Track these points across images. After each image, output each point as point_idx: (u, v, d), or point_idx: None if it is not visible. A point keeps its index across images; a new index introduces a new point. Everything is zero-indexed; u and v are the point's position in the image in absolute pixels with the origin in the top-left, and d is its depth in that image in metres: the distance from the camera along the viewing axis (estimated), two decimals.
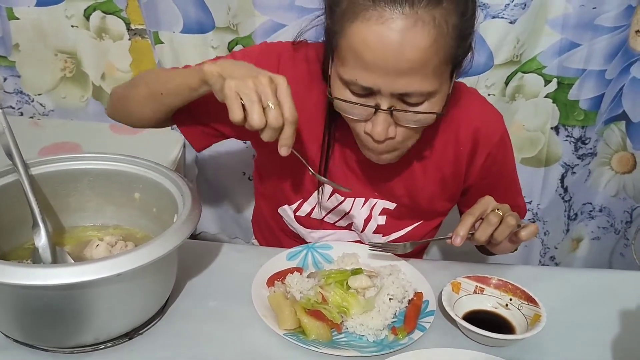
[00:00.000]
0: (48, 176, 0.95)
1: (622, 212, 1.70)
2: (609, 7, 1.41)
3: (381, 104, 0.85)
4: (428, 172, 1.06)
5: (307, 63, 1.01)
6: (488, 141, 1.04)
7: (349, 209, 1.09)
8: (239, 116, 0.80)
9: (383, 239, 1.13)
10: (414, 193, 1.08)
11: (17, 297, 0.75)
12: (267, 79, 0.80)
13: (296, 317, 0.87)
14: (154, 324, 0.88)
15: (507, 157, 1.10)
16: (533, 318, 0.90)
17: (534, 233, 0.92)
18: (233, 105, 0.80)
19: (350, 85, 0.86)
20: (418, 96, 0.84)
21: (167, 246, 0.77)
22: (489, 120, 1.06)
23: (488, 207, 0.91)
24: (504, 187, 1.12)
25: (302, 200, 1.10)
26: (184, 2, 1.51)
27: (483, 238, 0.90)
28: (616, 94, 1.56)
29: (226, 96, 0.81)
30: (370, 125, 0.88)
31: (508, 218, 0.89)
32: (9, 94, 1.73)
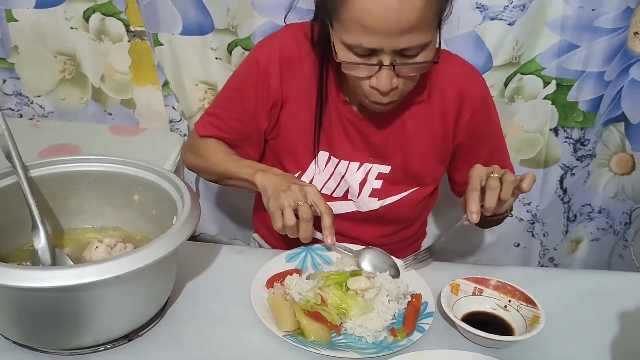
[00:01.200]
0: (47, 178, 0.95)
1: (621, 213, 1.70)
2: (607, 9, 1.41)
3: (384, 61, 0.94)
4: (419, 131, 1.14)
5: (296, 41, 1.12)
6: (472, 100, 1.13)
7: (344, 172, 1.16)
8: (279, 224, 0.97)
9: (378, 203, 1.18)
10: (407, 153, 1.15)
11: (16, 299, 0.75)
12: (297, 187, 0.98)
13: (295, 318, 0.88)
14: (153, 326, 0.88)
15: (491, 115, 1.18)
16: (532, 319, 0.91)
17: (533, 180, 0.94)
18: (274, 218, 0.98)
19: (354, 48, 0.95)
20: (415, 48, 0.94)
21: (166, 248, 0.77)
22: (472, 81, 1.15)
23: (482, 175, 0.95)
24: (490, 147, 1.20)
25: (300, 172, 1.17)
26: (183, 4, 1.51)
27: (493, 204, 0.93)
28: (615, 96, 1.55)
29: (270, 213, 0.99)
30: (375, 80, 0.97)
31: (506, 176, 0.94)
32: (8, 95, 1.73)
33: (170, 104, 1.66)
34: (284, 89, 1.13)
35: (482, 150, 1.18)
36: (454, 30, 1.43)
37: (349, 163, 1.16)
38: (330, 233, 0.98)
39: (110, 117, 1.73)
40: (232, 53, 1.56)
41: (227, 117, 1.17)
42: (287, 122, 1.16)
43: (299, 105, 1.14)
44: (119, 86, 1.68)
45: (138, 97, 1.68)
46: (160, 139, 1.66)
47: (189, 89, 1.65)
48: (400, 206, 1.18)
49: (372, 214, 1.18)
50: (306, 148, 1.15)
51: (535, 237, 1.74)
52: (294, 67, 1.12)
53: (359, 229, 1.20)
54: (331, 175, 1.17)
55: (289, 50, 1.11)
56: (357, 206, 1.19)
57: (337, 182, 1.17)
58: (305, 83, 1.12)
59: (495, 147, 1.21)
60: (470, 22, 1.45)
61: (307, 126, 1.14)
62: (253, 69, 1.13)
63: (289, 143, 1.17)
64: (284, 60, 1.11)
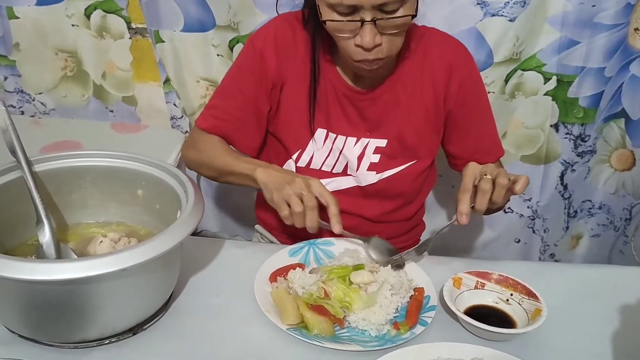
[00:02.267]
0: (52, 173, 0.95)
1: (622, 209, 1.71)
2: (608, 5, 1.42)
3: (365, 17, 0.98)
4: (412, 103, 1.18)
5: (289, 24, 1.17)
6: (460, 70, 1.18)
7: (342, 147, 1.19)
8: (285, 211, 0.99)
9: (377, 177, 1.21)
10: (401, 125, 1.19)
11: (22, 292, 0.76)
12: (300, 179, 1.00)
13: (299, 312, 0.88)
14: (157, 320, 0.88)
15: (479, 87, 1.23)
16: (534, 313, 0.91)
17: (526, 183, 0.97)
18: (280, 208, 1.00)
19: (336, 7, 0.99)
20: (394, 3, 0.98)
21: (171, 241, 0.78)
22: (460, 54, 1.21)
23: (476, 174, 0.97)
24: (480, 120, 1.24)
25: (300, 150, 1.20)
26: (184, 1, 1.51)
27: (484, 207, 0.97)
28: (615, 92, 1.56)
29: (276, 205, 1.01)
30: (359, 38, 1.01)
31: (499, 179, 0.96)
32: (9, 93, 1.73)
33: (172, 101, 1.67)
34: (281, 70, 1.16)
35: (473, 123, 1.22)
36: (455, 26, 1.44)
37: (346, 138, 1.19)
38: (338, 221, 0.99)
39: (112, 114, 1.73)
40: (233, 50, 1.56)
41: (227, 105, 1.19)
42: (286, 102, 1.19)
43: (296, 85, 1.17)
44: (120, 83, 1.68)
45: (139, 94, 1.69)
46: (162, 136, 1.66)
47: (190, 86, 1.65)
48: (398, 179, 1.21)
49: (372, 189, 1.21)
50: (304, 126, 1.19)
51: (535, 233, 1.75)
52: (289, 48, 1.16)
53: (360, 205, 1.23)
54: (330, 152, 1.20)
55: (284, 32, 1.16)
56: (357, 181, 1.21)
57: (335, 157, 1.20)
58: (301, 63, 1.16)
59: (484, 120, 1.25)
60: (471, 18, 1.45)
61: (304, 104, 1.18)
62: (250, 55, 1.18)
63: (288, 122, 1.20)
64: (279, 43, 1.16)
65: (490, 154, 1.24)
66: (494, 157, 1.25)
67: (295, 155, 1.20)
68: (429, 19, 1.39)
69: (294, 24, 1.17)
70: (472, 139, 1.23)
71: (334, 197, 1.00)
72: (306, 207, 0.98)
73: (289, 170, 1.09)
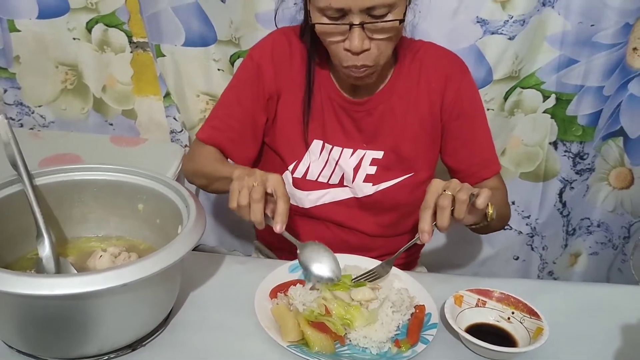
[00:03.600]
0: (52, 187, 0.95)
1: (620, 227, 1.71)
2: (606, 25, 1.43)
3: (353, 21, 1.00)
4: (408, 114, 1.19)
5: (286, 37, 1.20)
6: (455, 82, 1.19)
7: (337, 158, 1.20)
8: (233, 204, 0.95)
9: (373, 189, 1.20)
10: (397, 137, 1.20)
11: (21, 307, 0.75)
12: (260, 174, 0.96)
13: (299, 328, 0.87)
14: (157, 335, 0.87)
15: (474, 97, 1.24)
16: (535, 331, 0.91)
17: (488, 197, 0.95)
18: (231, 196, 0.96)
19: (325, 11, 1.01)
20: (381, 8, 0.99)
21: (173, 256, 0.77)
22: (454, 65, 1.22)
23: (438, 191, 0.95)
24: (475, 130, 1.24)
25: (297, 161, 1.20)
26: (186, 16, 1.52)
27: (445, 223, 0.94)
28: (614, 111, 1.57)
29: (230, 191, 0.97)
30: (348, 42, 1.03)
31: (459, 194, 0.93)
32: (9, 105, 1.73)
33: (172, 115, 1.67)
34: (278, 81, 1.19)
35: (468, 134, 1.23)
36: (455, 44, 1.45)
37: (342, 149, 1.20)
38: (281, 220, 0.93)
39: (111, 128, 1.73)
40: (234, 64, 1.57)
41: (224, 115, 1.21)
42: (283, 113, 1.20)
43: (292, 96, 1.19)
44: (121, 97, 1.68)
45: (139, 107, 1.69)
46: (161, 150, 1.66)
47: (190, 100, 1.65)
48: (395, 191, 1.21)
49: (368, 200, 1.21)
50: (300, 137, 1.20)
51: (534, 250, 1.75)
52: (285, 60, 1.19)
53: (356, 218, 1.23)
54: (326, 163, 1.20)
55: (280, 45, 1.19)
56: (353, 192, 1.22)
57: (332, 168, 1.20)
58: (297, 74, 1.18)
59: (480, 133, 1.25)
60: (471, 36, 1.47)
61: (300, 116, 1.19)
62: (248, 67, 1.20)
63: (284, 134, 1.21)
64: (276, 55, 1.18)
65: (487, 168, 1.24)
66: (491, 171, 1.25)
67: (291, 166, 1.20)
68: (430, 36, 1.41)
69: (291, 37, 1.19)
70: (468, 151, 1.23)
71: (286, 195, 0.94)
72: (251, 199, 0.93)
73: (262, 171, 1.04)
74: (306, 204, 1.21)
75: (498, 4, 1.42)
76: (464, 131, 1.22)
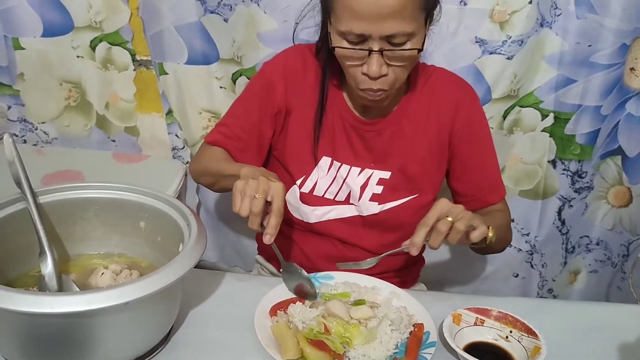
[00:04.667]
0: (55, 204, 0.96)
1: (619, 245, 1.71)
2: (604, 45, 1.45)
3: (373, 47, 1.02)
4: (416, 135, 1.21)
5: (300, 54, 1.23)
6: (465, 107, 1.22)
7: (345, 175, 1.22)
8: (236, 207, 0.96)
9: (378, 208, 1.22)
10: (405, 158, 1.21)
11: (23, 324, 0.76)
12: (264, 180, 0.96)
13: (299, 347, 0.88)
14: (157, 353, 0.88)
15: (483, 123, 1.27)
16: (533, 350, 0.91)
17: (483, 234, 1.00)
18: (234, 199, 0.97)
19: (346, 35, 1.03)
20: (401, 36, 1.01)
21: (174, 275, 0.78)
22: (464, 91, 1.25)
23: (441, 213, 0.98)
24: (484, 156, 1.27)
25: (304, 177, 1.22)
26: (189, 35, 1.54)
27: (436, 245, 0.98)
28: (612, 130, 1.58)
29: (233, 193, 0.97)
30: (366, 66, 1.05)
31: (457, 224, 0.97)
32: (12, 122, 1.74)
33: (174, 132, 1.68)
34: (288, 97, 1.21)
35: (476, 160, 1.25)
36: (454, 63, 1.47)
37: (350, 167, 1.22)
38: (270, 233, 0.96)
39: (114, 144, 1.74)
40: (236, 82, 1.59)
41: (233, 124, 1.23)
42: (293, 129, 1.22)
43: (304, 112, 1.21)
44: (123, 114, 1.69)
45: (142, 124, 1.70)
46: (163, 167, 1.67)
47: (192, 117, 1.67)
48: (400, 212, 1.22)
49: (373, 219, 1.22)
50: (309, 153, 1.22)
51: (534, 267, 1.75)
52: (297, 76, 1.21)
53: (360, 235, 1.24)
54: (333, 180, 1.22)
55: (294, 61, 1.22)
56: (359, 210, 1.23)
57: (339, 185, 1.22)
58: (309, 91, 1.21)
59: (488, 158, 1.28)
60: (470, 56, 1.48)
61: (310, 132, 1.21)
62: (259, 81, 1.24)
63: (294, 148, 1.23)
64: (288, 70, 1.21)
65: (493, 193, 1.26)
66: (497, 196, 1.27)
67: (299, 181, 1.22)
68: (429, 55, 1.42)
69: (306, 54, 1.22)
70: (476, 176, 1.25)
71: (280, 208, 0.97)
72: (251, 212, 0.95)
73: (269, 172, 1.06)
74: (311, 219, 1.23)
75: (496, 25, 1.44)
76: (473, 156, 1.24)
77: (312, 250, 1.26)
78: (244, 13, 1.49)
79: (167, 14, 1.52)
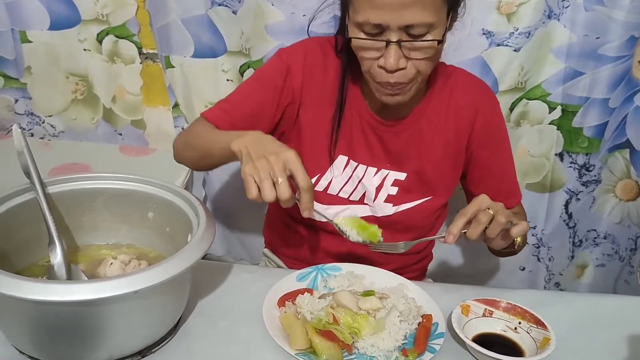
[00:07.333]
0: (64, 195, 0.96)
1: (627, 239, 1.71)
2: (612, 38, 1.44)
3: (391, 38, 0.98)
4: (434, 139, 1.18)
5: (321, 48, 1.18)
6: (484, 111, 1.19)
7: (362, 175, 1.19)
8: (253, 194, 0.87)
9: (393, 209, 1.20)
10: (422, 160, 1.19)
11: (33, 312, 0.76)
12: (274, 157, 0.88)
13: (307, 337, 0.88)
14: (165, 343, 0.88)
15: (501, 127, 1.24)
16: (542, 341, 0.91)
17: (524, 230, 0.98)
18: (247, 186, 0.87)
19: (363, 26, 0.99)
20: (420, 27, 0.97)
21: (183, 264, 0.78)
22: (484, 94, 1.22)
23: (481, 206, 0.97)
24: (502, 160, 1.25)
25: (319, 175, 1.19)
26: (195, 28, 1.54)
27: (474, 236, 0.96)
28: (620, 123, 1.57)
29: (243, 180, 0.88)
30: (383, 59, 1.00)
31: (499, 216, 0.95)
32: (20, 115, 1.75)
33: (180, 125, 1.68)
34: (305, 91, 1.17)
35: (495, 163, 1.23)
36: (461, 55, 1.46)
37: (367, 167, 1.19)
38: (308, 207, 0.90)
39: (121, 138, 1.75)
40: (244, 75, 1.59)
41: (239, 103, 1.16)
42: (309, 124, 1.19)
43: (321, 109, 1.17)
44: (130, 107, 1.70)
45: (148, 118, 1.71)
46: (169, 160, 1.63)
47: (198, 110, 1.67)
48: (413, 214, 1.21)
49: (386, 220, 1.20)
50: (325, 151, 1.18)
51: (541, 261, 1.75)
52: (316, 71, 1.17)
53: None
54: (349, 179, 1.19)
55: (313, 54, 1.17)
56: (373, 211, 1.21)
57: (354, 185, 1.20)
58: (329, 88, 1.17)
59: (506, 163, 1.26)
60: (477, 48, 1.48)
61: (327, 130, 1.18)
62: (276, 65, 1.18)
63: (309, 146, 1.19)
64: (308, 63, 1.16)
65: (511, 198, 1.25)
66: (515, 201, 1.26)
67: (313, 180, 1.19)
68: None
69: (326, 48, 1.18)
70: (494, 180, 1.24)
71: (307, 180, 0.88)
72: (280, 201, 0.87)
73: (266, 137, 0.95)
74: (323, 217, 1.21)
75: (504, 16, 1.44)
76: (491, 161, 1.22)
77: (325, 247, 1.25)
78: (252, 5, 1.48)
79: (174, 7, 1.52)
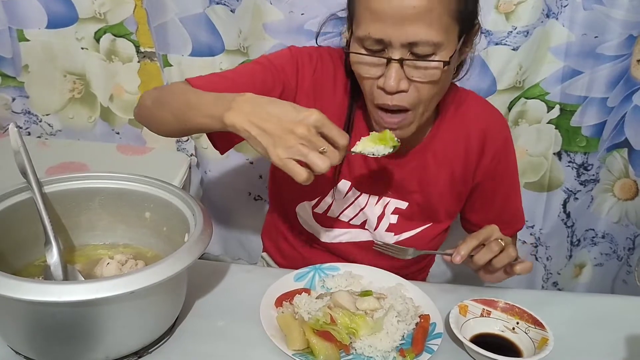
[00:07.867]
0: (61, 194, 0.96)
1: (625, 238, 1.71)
2: (610, 37, 1.44)
3: (392, 56, 0.91)
4: (440, 171, 1.13)
5: (332, 62, 1.10)
6: (495, 141, 1.14)
7: (364, 205, 1.15)
8: (303, 176, 0.79)
9: (394, 238, 1.18)
10: (426, 189, 1.15)
11: (30, 313, 0.76)
12: (304, 128, 0.78)
13: (305, 337, 0.88)
14: (162, 343, 0.88)
15: (510, 157, 1.19)
16: (540, 342, 0.91)
17: (527, 270, 1.00)
18: (292, 171, 0.79)
19: (364, 41, 0.92)
20: (425, 46, 0.89)
21: (180, 264, 0.78)
22: (495, 122, 1.16)
23: (492, 235, 0.97)
24: (507, 191, 1.22)
25: (320, 196, 1.16)
26: (193, 27, 1.53)
27: (481, 262, 0.97)
28: (618, 122, 1.57)
29: (281, 167, 0.80)
30: (383, 79, 0.93)
31: (510, 249, 0.96)
32: (17, 113, 1.75)
33: None
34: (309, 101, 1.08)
35: (499, 193, 1.20)
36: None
37: (369, 196, 1.15)
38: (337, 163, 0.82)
39: (118, 136, 1.74)
40: None
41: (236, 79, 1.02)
42: None
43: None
44: (128, 106, 1.70)
45: None
46: (167, 159, 1.67)
47: None
48: (414, 241, 1.18)
49: None
50: (329, 174, 1.13)
51: (538, 260, 1.75)
52: (327, 88, 1.09)
53: (372, 259, 1.15)
54: (350, 204, 1.17)
55: (326, 69, 1.09)
56: (373, 237, 1.19)
57: (355, 212, 1.17)
58: (336, 110, 1.09)
59: (511, 191, 1.24)
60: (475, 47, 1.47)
61: None
62: (285, 55, 1.08)
63: None
64: (318, 77, 1.08)
65: (509, 224, 1.23)
66: (513, 228, 1.25)
67: (314, 202, 1.17)
68: None
69: (337, 66, 1.09)
70: (496, 209, 1.22)
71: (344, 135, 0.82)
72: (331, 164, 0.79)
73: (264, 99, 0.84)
74: (323, 238, 1.20)
75: (502, 15, 1.43)
76: (497, 191, 1.19)
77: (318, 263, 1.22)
78: (250, 3, 1.48)
79: (172, 5, 1.51)
